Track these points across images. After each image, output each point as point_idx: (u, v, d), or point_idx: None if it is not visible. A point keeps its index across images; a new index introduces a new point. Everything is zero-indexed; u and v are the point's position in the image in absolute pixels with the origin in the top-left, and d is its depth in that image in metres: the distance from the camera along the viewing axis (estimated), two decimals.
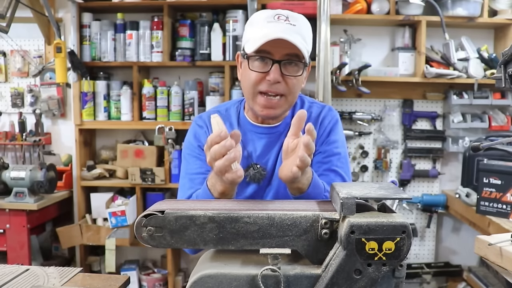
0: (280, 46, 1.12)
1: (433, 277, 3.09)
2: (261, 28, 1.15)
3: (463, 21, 2.89)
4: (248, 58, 1.18)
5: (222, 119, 1.31)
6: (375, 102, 3.13)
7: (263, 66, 1.16)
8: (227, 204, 0.83)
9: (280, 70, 1.15)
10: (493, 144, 1.44)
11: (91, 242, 2.96)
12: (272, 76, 1.14)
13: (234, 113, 1.33)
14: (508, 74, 1.06)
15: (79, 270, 1.15)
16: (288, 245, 0.76)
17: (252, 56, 1.16)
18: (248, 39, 1.19)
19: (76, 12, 2.95)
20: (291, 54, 1.15)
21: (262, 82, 1.17)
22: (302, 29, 1.17)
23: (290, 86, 1.18)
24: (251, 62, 1.17)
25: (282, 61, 1.15)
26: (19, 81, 3.24)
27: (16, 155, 3.18)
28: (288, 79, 1.17)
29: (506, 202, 2.20)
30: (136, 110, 3.00)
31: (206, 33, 2.92)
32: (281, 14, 1.17)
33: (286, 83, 1.17)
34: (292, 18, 1.17)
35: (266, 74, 1.16)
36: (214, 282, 0.74)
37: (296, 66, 1.17)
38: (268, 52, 1.15)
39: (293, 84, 1.18)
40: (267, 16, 1.17)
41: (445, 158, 3.16)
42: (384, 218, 0.72)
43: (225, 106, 1.36)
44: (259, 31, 1.15)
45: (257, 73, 1.16)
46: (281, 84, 1.16)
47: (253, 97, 1.19)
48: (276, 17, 1.16)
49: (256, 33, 1.16)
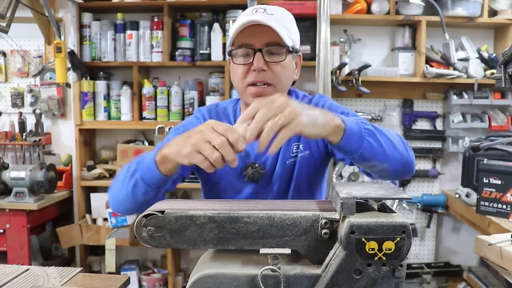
0: (258, 35, 1.14)
1: (433, 277, 3.09)
2: (239, 22, 1.17)
3: (463, 21, 2.89)
4: (231, 54, 1.20)
5: (220, 116, 1.31)
6: (375, 102, 3.13)
7: (247, 58, 1.17)
8: (227, 204, 0.83)
9: (263, 58, 1.15)
10: (493, 144, 1.44)
11: (91, 242, 2.96)
12: (256, 64, 1.14)
13: (231, 111, 1.33)
14: (508, 74, 1.06)
15: (79, 270, 1.15)
16: (288, 245, 0.76)
17: (234, 50, 1.18)
18: (230, 37, 1.20)
19: (76, 12, 2.95)
20: (271, 42, 1.15)
21: (248, 73, 1.17)
22: (281, 18, 1.17)
23: (276, 74, 1.17)
24: (235, 57, 1.19)
25: (262, 49, 1.15)
26: (19, 81, 3.24)
27: (16, 155, 3.18)
28: (273, 66, 1.16)
29: (506, 202, 2.20)
30: (136, 110, 3.00)
31: (206, 33, 2.92)
32: (259, 8, 1.19)
33: (272, 71, 1.16)
34: (270, 9, 1.18)
35: (250, 65, 1.16)
36: (214, 282, 0.74)
37: (280, 53, 1.17)
38: (248, 44, 1.16)
39: (279, 71, 1.17)
40: (246, 12, 1.20)
41: (445, 158, 3.16)
42: (384, 218, 0.72)
43: (223, 104, 1.37)
44: (237, 25, 1.17)
45: (242, 66, 1.17)
46: (267, 72, 1.16)
47: (244, 91, 1.20)
48: (254, 10, 1.19)
49: (234, 28, 1.17)
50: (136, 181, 1.03)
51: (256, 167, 1.24)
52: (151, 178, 1.01)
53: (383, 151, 1.00)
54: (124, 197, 1.07)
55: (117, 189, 1.10)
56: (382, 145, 1.00)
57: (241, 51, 1.17)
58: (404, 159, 1.07)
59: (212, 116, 1.31)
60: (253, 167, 1.24)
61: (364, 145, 0.96)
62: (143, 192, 1.04)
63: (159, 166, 0.99)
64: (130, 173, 1.05)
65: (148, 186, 1.02)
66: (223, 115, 1.32)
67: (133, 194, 1.05)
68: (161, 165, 0.99)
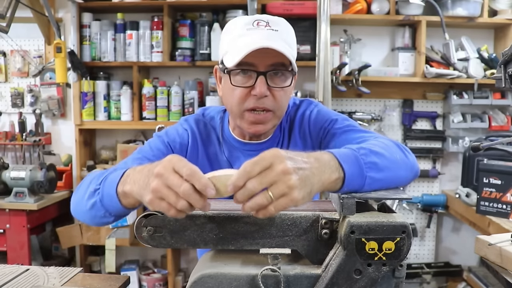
0: (263, 56, 1.01)
1: (433, 277, 3.09)
2: (240, 37, 1.04)
3: (463, 21, 2.89)
4: (230, 72, 1.06)
5: (207, 128, 1.21)
6: (375, 102, 3.13)
7: (247, 80, 1.05)
8: (227, 204, 0.83)
9: (266, 82, 1.04)
10: (493, 144, 1.45)
11: (91, 242, 2.96)
12: (258, 89, 1.03)
13: (218, 124, 1.22)
14: (508, 74, 1.06)
15: (79, 270, 1.15)
16: (288, 245, 0.76)
17: (234, 70, 1.05)
18: (227, 50, 1.07)
19: (76, 12, 2.95)
20: (276, 63, 1.04)
21: (248, 98, 1.06)
22: (285, 34, 1.06)
23: (278, 100, 1.07)
24: (233, 76, 1.06)
25: (267, 72, 1.03)
26: (19, 81, 3.24)
27: (16, 155, 3.18)
28: (275, 91, 1.06)
29: (506, 202, 2.20)
30: (136, 110, 3.00)
31: (206, 33, 2.92)
32: (260, 20, 1.05)
33: (274, 97, 1.06)
34: (273, 23, 1.05)
35: (251, 89, 1.05)
36: (214, 282, 0.74)
37: (283, 76, 1.07)
38: (251, 64, 1.03)
39: (281, 97, 1.07)
40: (245, 23, 1.05)
41: (445, 158, 3.16)
42: (384, 218, 0.72)
43: (210, 113, 1.25)
44: (238, 40, 1.04)
45: (241, 89, 1.05)
46: (269, 98, 1.05)
47: (240, 116, 1.09)
48: (256, 23, 1.04)
49: (236, 44, 1.04)
50: (95, 203, 0.92)
51: None
52: (111, 206, 0.90)
53: (388, 175, 0.88)
54: (83, 212, 0.97)
55: (77, 201, 1.00)
56: (386, 171, 0.88)
57: (241, 72, 1.05)
58: (408, 167, 0.96)
59: (200, 128, 1.21)
60: None
61: (367, 183, 0.83)
62: (101, 215, 0.93)
63: (121, 199, 0.87)
64: (91, 191, 0.94)
65: (107, 211, 0.92)
66: (211, 128, 1.22)
67: (91, 214, 0.95)
68: (123, 198, 0.87)
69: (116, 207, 0.89)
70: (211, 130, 1.22)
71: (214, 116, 1.24)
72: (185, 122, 1.23)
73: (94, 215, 0.94)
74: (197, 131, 1.21)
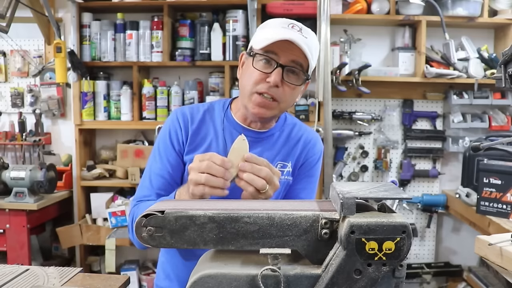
0: (287, 50, 1.13)
1: (433, 277, 3.09)
2: (273, 30, 1.16)
3: (463, 21, 2.89)
4: (254, 55, 1.18)
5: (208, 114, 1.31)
6: (375, 102, 3.13)
7: (267, 67, 1.16)
8: (227, 204, 0.83)
9: (281, 75, 1.15)
10: (493, 144, 1.44)
11: (91, 242, 2.96)
12: (273, 78, 1.14)
13: (219, 110, 1.32)
14: (508, 74, 1.06)
15: (79, 270, 1.15)
16: (288, 245, 0.76)
17: (259, 54, 1.17)
18: (259, 39, 1.19)
19: (76, 12, 2.95)
20: (296, 61, 1.16)
21: (261, 82, 1.17)
22: (312, 44, 1.17)
23: (286, 94, 1.18)
24: (256, 60, 1.17)
25: (285, 66, 1.15)
26: (19, 81, 3.24)
27: (16, 155, 3.18)
28: (286, 85, 1.17)
29: (506, 202, 2.20)
30: (136, 110, 3.00)
31: (206, 33, 2.92)
32: (295, 24, 1.18)
33: (284, 90, 1.17)
34: (305, 31, 1.18)
35: (267, 76, 1.16)
36: (214, 282, 0.74)
37: (297, 75, 1.18)
38: (275, 54, 1.15)
39: (290, 93, 1.19)
40: (282, 22, 1.18)
41: (445, 158, 3.16)
42: (384, 218, 0.72)
43: (210, 103, 1.35)
44: (271, 32, 1.16)
45: (259, 73, 1.16)
46: (279, 89, 1.16)
47: (249, 95, 1.19)
48: (291, 25, 1.17)
49: (267, 34, 1.16)
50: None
51: None
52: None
53: None
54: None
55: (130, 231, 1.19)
56: None
57: (264, 57, 1.16)
58: None
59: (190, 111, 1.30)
60: None
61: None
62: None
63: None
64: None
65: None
66: (209, 113, 1.30)
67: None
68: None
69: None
70: (210, 114, 1.31)
71: (214, 104, 1.34)
72: (179, 112, 1.32)
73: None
74: (188, 113, 1.29)
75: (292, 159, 1.31)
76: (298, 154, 1.31)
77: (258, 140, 1.28)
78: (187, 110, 1.31)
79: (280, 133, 1.31)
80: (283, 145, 1.30)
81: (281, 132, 1.32)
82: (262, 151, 1.27)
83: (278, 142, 1.30)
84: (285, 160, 1.29)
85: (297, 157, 1.31)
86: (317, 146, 1.35)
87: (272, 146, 1.29)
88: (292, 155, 1.31)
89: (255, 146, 1.27)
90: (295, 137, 1.32)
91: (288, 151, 1.30)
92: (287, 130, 1.33)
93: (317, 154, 1.35)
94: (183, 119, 1.28)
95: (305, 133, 1.34)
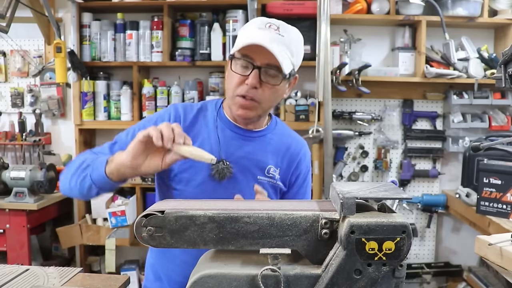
0: (262, 53, 1.15)
1: (433, 277, 3.09)
2: (250, 33, 1.18)
3: (463, 21, 2.89)
4: (232, 59, 1.21)
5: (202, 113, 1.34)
6: (375, 102, 3.13)
7: (244, 70, 1.19)
8: (227, 204, 0.83)
9: (259, 77, 1.18)
10: (493, 144, 1.44)
11: (91, 242, 2.96)
12: (250, 80, 1.17)
13: (211, 109, 1.34)
14: (508, 74, 1.06)
15: (79, 270, 1.15)
16: (288, 245, 0.76)
17: (237, 58, 1.20)
18: (237, 42, 1.21)
19: (76, 12, 2.95)
20: (271, 64, 1.17)
21: (241, 85, 1.19)
22: (290, 41, 1.19)
23: (266, 95, 1.20)
24: (234, 64, 1.21)
25: (261, 68, 1.17)
26: (19, 81, 3.24)
27: (16, 155, 3.18)
28: (265, 86, 1.19)
29: (506, 202, 2.20)
30: (136, 110, 3.00)
31: (206, 33, 2.92)
32: (272, 23, 1.19)
33: (263, 91, 1.20)
34: (283, 29, 1.18)
35: (246, 78, 1.18)
36: (214, 282, 0.74)
37: (276, 75, 1.19)
38: (251, 58, 1.17)
39: (269, 93, 1.21)
40: (260, 23, 1.20)
41: (445, 158, 3.16)
42: (384, 218, 0.72)
43: (203, 102, 1.38)
44: (247, 35, 1.18)
45: (238, 76, 1.20)
46: (258, 90, 1.19)
47: (232, 97, 1.23)
48: (268, 25, 1.18)
49: (243, 37, 1.18)
50: (85, 177, 1.14)
51: (227, 164, 1.25)
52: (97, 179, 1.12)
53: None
54: (72, 187, 1.18)
55: (67, 178, 1.19)
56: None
57: (241, 61, 1.19)
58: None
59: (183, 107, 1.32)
60: (224, 163, 1.25)
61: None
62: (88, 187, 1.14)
63: (107, 165, 1.10)
64: (83, 168, 1.16)
65: (97, 187, 1.14)
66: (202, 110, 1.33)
67: (80, 188, 1.15)
68: (110, 163, 1.11)
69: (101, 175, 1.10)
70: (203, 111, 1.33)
71: (207, 103, 1.37)
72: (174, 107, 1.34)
73: (82, 187, 1.15)
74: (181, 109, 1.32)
75: (281, 167, 1.34)
76: (286, 166, 1.34)
77: (250, 139, 1.31)
78: (181, 107, 1.33)
79: (272, 136, 1.34)
80: (274, 151, 1.33)
81: (272, 136, 1.34)
82: (254, 150, 1.29)
83: (269, 146, 1.33)
84: (276, 166, 1.32)
85: (286, 169, 1.34)
86: (306, 157, 1.40)
87: (264, 148, 1.31)
88: (281, 163, 1.34)
89: (247, 144, 1.30)
90: (283, 146, 1.35)
91: (278, 159, 1.33)
92: (276, 139, 1.35)
93: (308, 163, 1.40)
94: (175, 115, 1.30)
95: (293, 143, 1.37)
